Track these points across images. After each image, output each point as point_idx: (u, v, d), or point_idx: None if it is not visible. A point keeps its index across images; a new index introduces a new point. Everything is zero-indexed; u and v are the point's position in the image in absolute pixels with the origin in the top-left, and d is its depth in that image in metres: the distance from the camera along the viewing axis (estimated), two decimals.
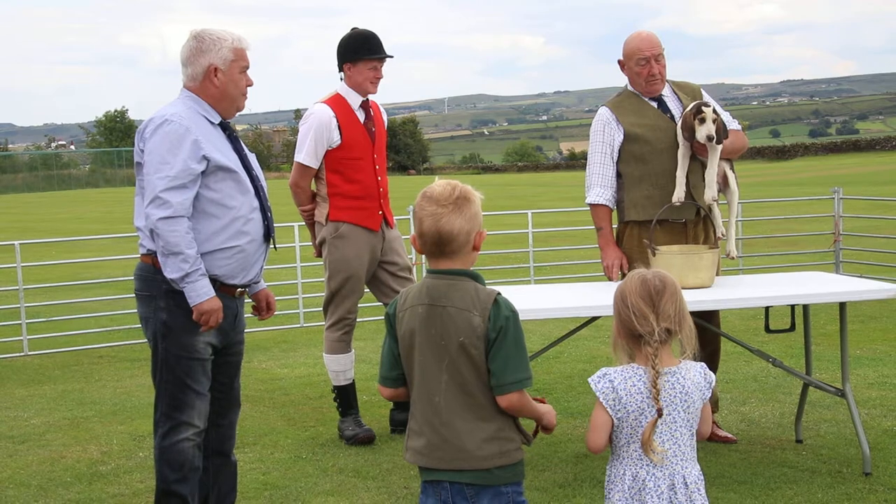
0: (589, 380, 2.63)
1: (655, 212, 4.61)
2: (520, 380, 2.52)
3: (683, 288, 4.13)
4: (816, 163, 52.66)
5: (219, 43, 3.54)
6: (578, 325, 4.60)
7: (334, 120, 4.93)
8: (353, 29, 5.07)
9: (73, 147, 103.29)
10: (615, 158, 4.77)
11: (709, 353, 4.78)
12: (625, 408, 2.57)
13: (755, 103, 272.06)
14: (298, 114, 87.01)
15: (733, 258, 4.80)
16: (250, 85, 3.64)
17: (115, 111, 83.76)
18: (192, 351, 3.47)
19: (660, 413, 2.54)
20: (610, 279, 4.71)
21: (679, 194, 4.58)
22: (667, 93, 4.83)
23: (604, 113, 4.82)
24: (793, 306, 4.61)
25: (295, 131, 71.31)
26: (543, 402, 2.66)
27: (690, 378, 2.60)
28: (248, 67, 3.61)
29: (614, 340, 2.66)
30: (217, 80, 3.54)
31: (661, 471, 2.58)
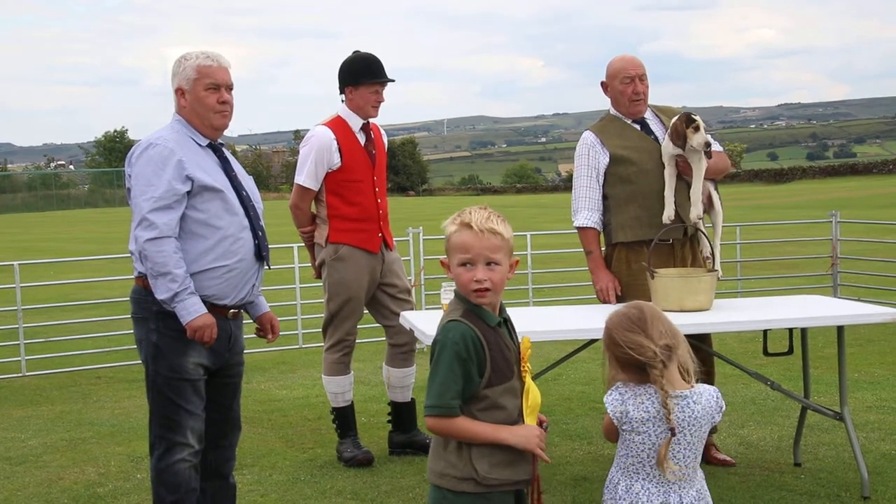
0: (605, 394, 2.68)
1: (643, 233, 4.65)
2: (426, 405, 2.54)
3: (682, 311, 4.18)
4: (814, 186, 52.75)
5: (183, 64, 3.58)
6: (577, 348, 4.61)
7: (335, 142, 4.96)
8: (355, 52, 5.10)
9: (72, 167, 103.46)
10: (601, 182, 4.79)
11: (703, 374, 4.77)
12: (630, 422, 2.61)
13: (753, 126, 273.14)
14: (298, 135, 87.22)
15: (719, 278, 4.81)
16: (224, 101, 3.58)
17: (115, 131, 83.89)
18: (181, 372, 3.48)
19: (673, 432, 2.57)
20: (606, 302, 4.71)
21: (669, 213, 4.60)
22: (649, 116, 4.88)
23: (588, 137, 4.85)
24: (791, 329, 4.62)
25: (294, 152, 71.49)
26: (543, 422, 2.65)
27: (702, 403, 2.64)
28: (217, 85, 3.56)
29: (615, 384, 2.67)
30: (185, 100, 3.58)
31: (656, 487, 2.61)
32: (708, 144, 4.50)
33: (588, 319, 4.28)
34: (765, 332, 4.71)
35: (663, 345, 2.58)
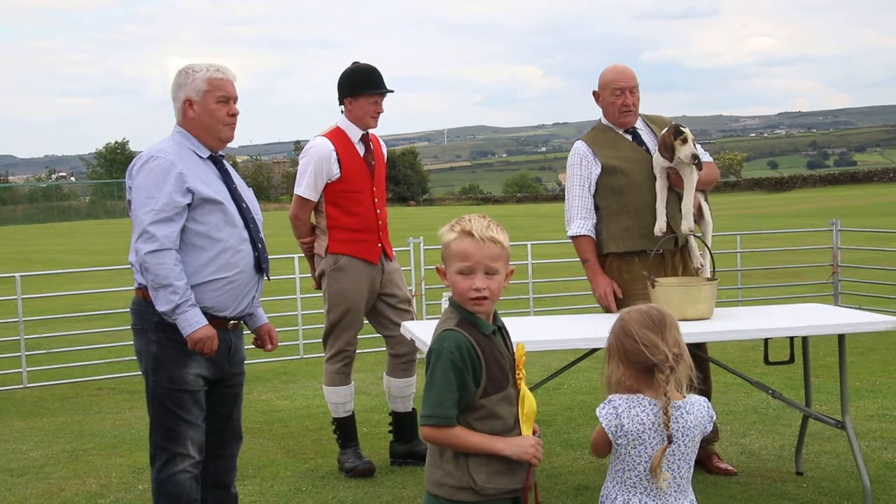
0: (597, 408, 2.65)
1: (634, 244, 4.67)
2: (423, 415, 2.54)
3: (683, 320, 4.17)
4: (814, 194, 52.74)
5: (192, 75, 3.58)
6: (578, 357, 4.60)
7: (334, 153, 4.97)
8: (354, 63, 5.11)
9: (73, 178, 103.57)
10: (593, 191, 4.80)
11: (701, 383, 4.77)
12: (626, 435, 2.59)
13: (753, 135, 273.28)
14: (298, 145, 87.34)
15: None
16: (233, 114, 3.60)
17: (116, 142, 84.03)
18: (181, 383, 3.49)
19: (670, 440, 2.56)
20: (607, 309, 4.71)
21: (661, 225, 4.60)
22: (640, 126, 4.88)
23: (580, 147, 4.86)
24: (792, 338, 4.62)
25: (295, 163, 71.65)
26: (535, 432, 2.64)
27: (695, 413, 2.63)
28: (227, 97, 3.59)
29: (613, 381, 2.64)
30: (193, 112, 3.57)
31: (652, 500, 2.59)
32: (695, 157, 4.50)
33: (589, 329, 4.28)
34: (766, 340, 4.71)
35: (675, 353, 2.57)
